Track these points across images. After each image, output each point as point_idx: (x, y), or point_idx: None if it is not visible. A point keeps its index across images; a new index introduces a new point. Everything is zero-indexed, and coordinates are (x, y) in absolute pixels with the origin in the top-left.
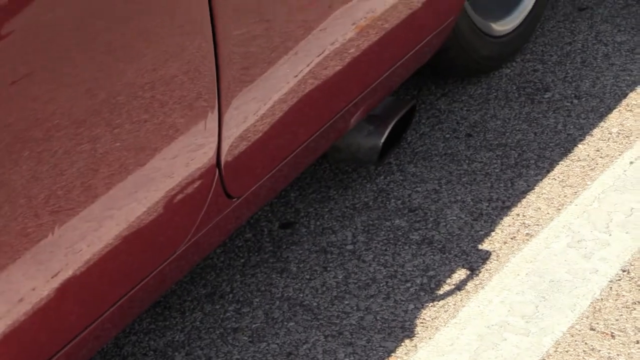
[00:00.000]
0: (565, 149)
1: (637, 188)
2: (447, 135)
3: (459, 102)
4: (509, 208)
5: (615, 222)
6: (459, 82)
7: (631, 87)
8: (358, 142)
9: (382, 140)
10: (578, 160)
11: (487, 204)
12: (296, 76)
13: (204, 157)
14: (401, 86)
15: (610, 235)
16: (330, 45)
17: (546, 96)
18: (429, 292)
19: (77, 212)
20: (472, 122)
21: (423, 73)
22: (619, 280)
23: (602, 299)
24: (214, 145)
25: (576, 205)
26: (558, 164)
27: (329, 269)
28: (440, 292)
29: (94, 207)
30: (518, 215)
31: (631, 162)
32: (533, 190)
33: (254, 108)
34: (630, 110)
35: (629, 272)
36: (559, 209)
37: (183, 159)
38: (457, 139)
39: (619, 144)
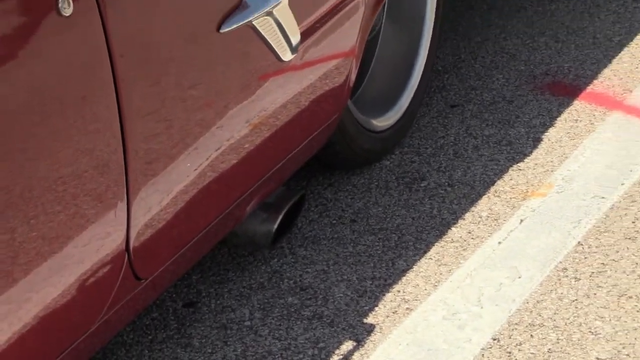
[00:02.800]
0: (440, 231)
1: (505, 265)
2: (334, 221)
3: (344, 191)
4: (390, 285)
5: (486, 296)
6: (344, 173)
7: (498, 175)
8: (254, 228)
9: (275, 226)
10: (452, 242)
11: (370, 282)
12: (196, 169)
13: (113, 243)
14: (292, 177)
15: (481, 308)
16: (226, 141)
17: (422, 185)
18: None
19: None
20: (356, 209)
21: (312, 165)
22: (490, 348)
23: None
24: (123, 232)
25: (451, 281)
26: (434, 245)
27: (229, 343)
28: None
29: (12, 291)
30: (399, 291)
31: (499, 243)
32: (412, 269)
33: (159, 198)
34: (498, 196)
35: (499, 341)
36: (436, 285)
37: (94, 246)
38: (342, 225)
39: (489, 226)
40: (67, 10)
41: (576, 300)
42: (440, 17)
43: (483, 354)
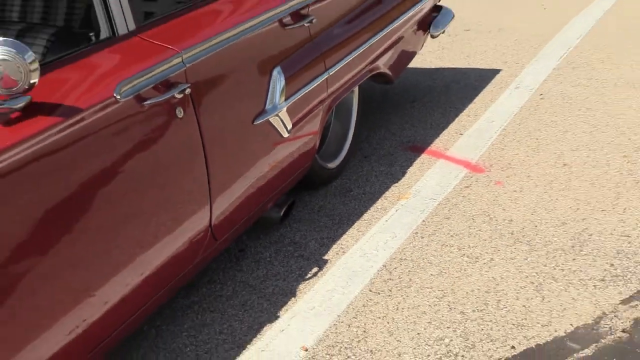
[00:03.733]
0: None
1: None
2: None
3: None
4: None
5: None
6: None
7: (379, 182)
8: (271, 214)
9: (281, 214)
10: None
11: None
12: (242, 189)
13: (203, 223)
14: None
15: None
16: (256, 175)
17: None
18: None
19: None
20: (300, 235)
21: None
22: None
23: None
24: (208, 218)
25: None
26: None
27: (256, 266)
28: None
29: (154, 248)
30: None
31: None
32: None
33: (225, 201)
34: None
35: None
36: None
37: (196, 224)
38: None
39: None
40: (180, 114)
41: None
42: (359, 112)
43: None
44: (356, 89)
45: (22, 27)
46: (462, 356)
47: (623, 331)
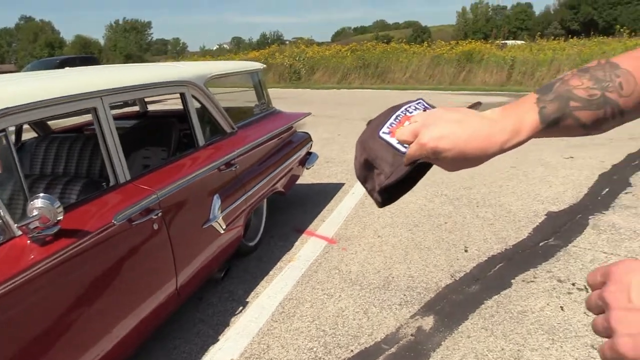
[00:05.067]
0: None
1: None
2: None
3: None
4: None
5: None
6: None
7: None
8: (216, 275)
9: (222, 274)
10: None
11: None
12: (193, 264)
13: (172, 286)
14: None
15: None
16: (207, 254)
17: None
18: None
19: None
20: (243, 289)
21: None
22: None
23: None
24: (174, 284)
25: None
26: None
27: (214, 296)
28: None
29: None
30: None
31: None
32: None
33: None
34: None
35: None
36: None
37: (170, 285)
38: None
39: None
40: (156, 227)
41: None
42: (267, 211)
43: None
44: (265, 200)
45: (52, 179)
46: (323, 359)
47: (412, 335)
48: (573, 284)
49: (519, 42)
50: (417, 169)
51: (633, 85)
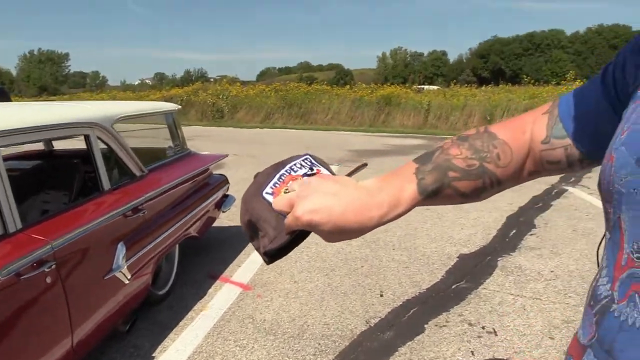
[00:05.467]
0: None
1: None
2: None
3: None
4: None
5: None
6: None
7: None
8: (119, 328)
9: (127, 327)
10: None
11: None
12: (87, 321)
13: (67, 345)
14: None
15: None
16: (104, 305)
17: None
18: None
19: None
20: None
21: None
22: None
23: None
24: (70, 343)
25: None
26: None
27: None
28: None
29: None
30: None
31: None
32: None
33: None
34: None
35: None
36: None
37: (65, 342)
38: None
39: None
40: (49, 280)
41: None
42: (180, 258)
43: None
44: (177, 246)
45: None
46: None
47: None
48: (483, 328)
49: (434, 87)
50: (300, 234)
51: (509, 156)
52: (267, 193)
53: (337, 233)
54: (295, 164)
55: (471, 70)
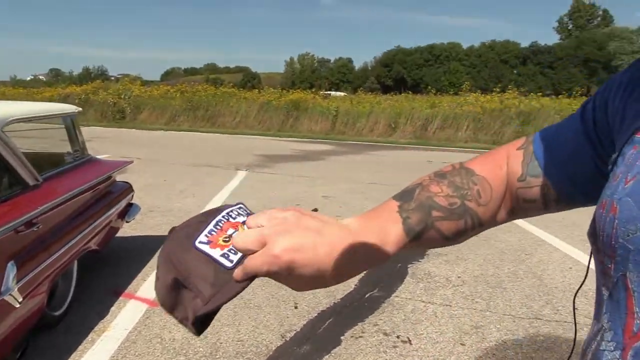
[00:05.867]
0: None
1: None
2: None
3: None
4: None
5: None
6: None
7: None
8: (8, 356)
9: (18, 355)
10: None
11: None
12: None
13: None
14: None
15: None
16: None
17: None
18: None
19: None
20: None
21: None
22: None
23: None
24: None
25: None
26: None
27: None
28: None
29: None
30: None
31: None
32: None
33: None
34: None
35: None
36: None
37: None
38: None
39: None
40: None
41: None
42: (78, 274)
43: None
44: (75, 261)
45: None
46: None
47: None
48: (398, 337)
49: (340, 93)
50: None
51: (489, 192)
52: (201, 242)
53: (316, 278)
54: (231, 212)
55: (375, 78)
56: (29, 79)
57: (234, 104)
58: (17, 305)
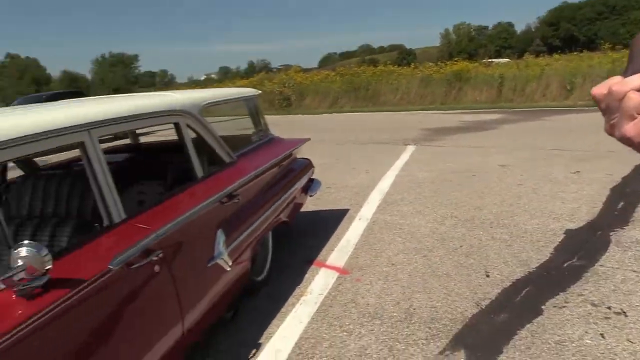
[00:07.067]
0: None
1: None
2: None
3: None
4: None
5: None
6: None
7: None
8: (225, 315)
9: (231, 314)
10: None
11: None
12: (198, 307)
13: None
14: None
15: None
16: (214, 294)
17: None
18: None
19: None
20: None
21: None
22: None
23: None
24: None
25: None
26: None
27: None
28: None
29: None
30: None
31: None
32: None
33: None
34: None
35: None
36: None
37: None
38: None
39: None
40: (157, 269)
41: None
42: (273, 243)
43: None
44: (270, 232)
45: (40, 221)
46: None
47: None
48: (609, 308)
49: (504, 60)
50: None
51: None
52: None
53: None
54: None
55: (541, 40)
56: (202, 78)
57: (394, 81)
58: (228, 269)
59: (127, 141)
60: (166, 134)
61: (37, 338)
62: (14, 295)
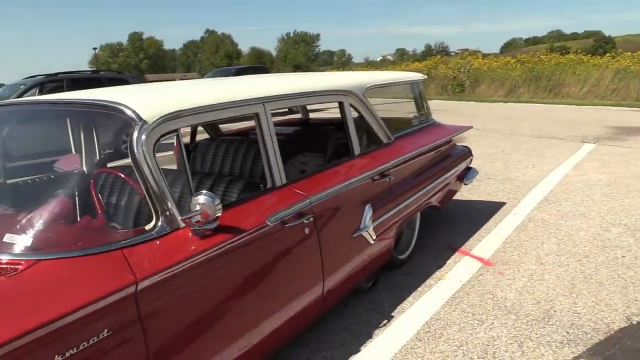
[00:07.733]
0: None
1: None
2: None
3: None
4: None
5: None
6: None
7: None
8: (364, 284)
9: (370, 284)
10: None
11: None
12: (339, 271)
13: (320, 289)
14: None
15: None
16: (353, 260)
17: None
18: None
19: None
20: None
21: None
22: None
23: None
24: (322, 286)
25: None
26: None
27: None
28: None
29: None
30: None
31: None
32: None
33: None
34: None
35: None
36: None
37: (320, 287)
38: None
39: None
40: (307, 232)
41: None
42: (420, 225)
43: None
44: (418, 214)
45: (217, 177)
46: None
47: None
48: None
49: None
50: None
51: None
52: None
53: None
54: None
55: None
56: (378, 59)
57: (582, 72)
58: (372, 242)
59: (298, 116)
60: (336, 111)
61: (202, 269)
62: (190, 233)
